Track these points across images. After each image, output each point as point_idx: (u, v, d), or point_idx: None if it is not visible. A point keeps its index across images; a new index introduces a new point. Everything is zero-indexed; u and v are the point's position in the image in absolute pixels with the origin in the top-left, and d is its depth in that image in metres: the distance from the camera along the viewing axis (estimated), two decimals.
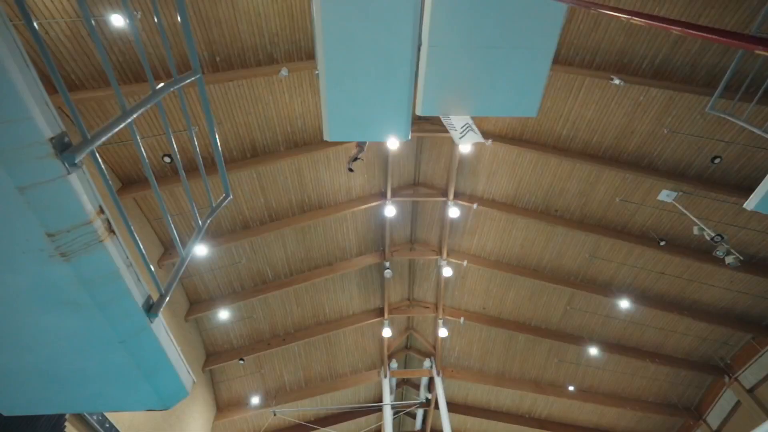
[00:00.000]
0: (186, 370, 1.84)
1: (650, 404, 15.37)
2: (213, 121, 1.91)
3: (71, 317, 1.38)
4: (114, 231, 1.32)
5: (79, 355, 1.56)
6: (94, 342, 1.50)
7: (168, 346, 1.64)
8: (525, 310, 14.15)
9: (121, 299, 1.40)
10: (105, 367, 1.61)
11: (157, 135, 9.08)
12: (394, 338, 15.83)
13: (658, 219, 11.22)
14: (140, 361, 1.60)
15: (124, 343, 1.51)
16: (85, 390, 1.79)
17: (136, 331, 1.50)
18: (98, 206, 1.26)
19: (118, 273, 1.33)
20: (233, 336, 13.33)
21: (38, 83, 1.08)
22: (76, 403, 1.97)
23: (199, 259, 11.28)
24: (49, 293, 1.31)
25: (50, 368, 1.61)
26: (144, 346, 1.55)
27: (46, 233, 1.18)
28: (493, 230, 12.81)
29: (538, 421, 17.09)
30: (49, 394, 1.79)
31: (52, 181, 1.11)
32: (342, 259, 13.17)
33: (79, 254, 1.23)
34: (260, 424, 15.10)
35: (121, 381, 1.70)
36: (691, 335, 13.31)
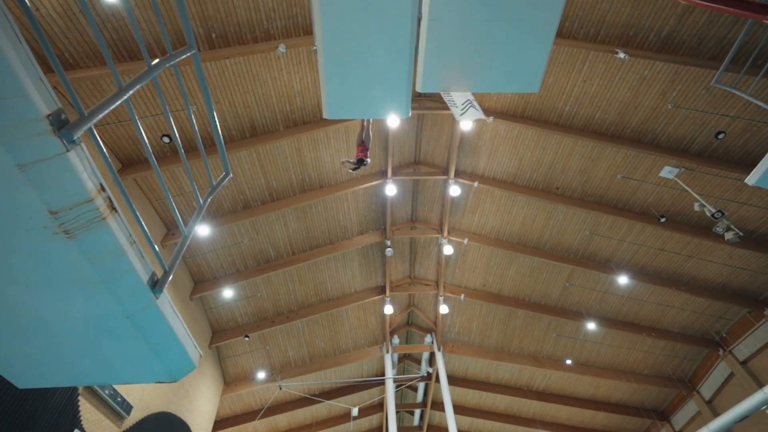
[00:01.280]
0: (192, 344, 1.90)
1: (645, 376, 15.79)
2: (210, 97, 1.89)
3: (78, 293, 1.42)
4: (116, 209, 1.34)
5: (88, 330, 1.60)
6: (101, 318, 1.55)
7: (174, 321, 1.69)
8: (525, 287, 14.33)
9: (126, 276, 1.43)
10: (114, 341, 1.66)
11: (155, 115, 8.98)
12: (396, 315, 16.12)
13: (659, 196, 11.19)
14: (147, 335, 1.66)
15: (131, 319, 1.56)
16: (95, 364, 1.86)
17: (142, 307, 1.54)
18: (99, 184, 1.27)
19: (121, 250, 1.36)
20: (238, 314, 13.60)
21: (32, 59, 1.07)
22: (87, 376, 2.04)
23: (202, 239, 11.37)
24: (56, 270, 1.34)
25: (60, 343, 1.67)
26: (150, 321, 1.60)
27: (48, 211, 1.20)
28: (493, 208, 12.82)
29: (536, 393, 17.62)
30: (61, 368, 1.86)
31: (52, 158, 1.12)
32: (343, 238, 13.26)
33: (82, 232, 1.25)
34: (266, 398, 15.61)
35: (130, 355, 1.76)
36: (687, 310, 13.52)
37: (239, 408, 16.14)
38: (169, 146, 9.60)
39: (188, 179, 9.49)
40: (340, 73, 4.00)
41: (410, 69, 4.04)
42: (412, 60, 3.95)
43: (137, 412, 9.19)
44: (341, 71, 3.99)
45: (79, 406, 7.34)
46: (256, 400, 16.02)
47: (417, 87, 4.41)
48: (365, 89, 4.28)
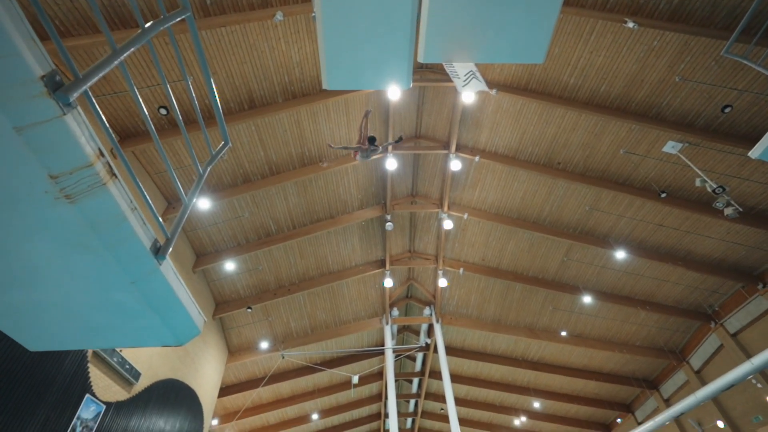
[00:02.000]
0: (197, 310, 1.95)
1: (638, 348, 16.24)
2: (205, 60, 1.85)
3: (83, 259, 1.45)
4: (116, 174, 1.35)
5: (94, 294, 1.65)
6: (107, 282, 1.59)
7: (178, 287, 1.74)
8: (523, 261, 14.50)
9: (129, 241, 1.46)
10: (120, 306, 1.71)
11: (151, 86, 8.80)
12: (395, 288, 16.41)
13: (660, 171, 11.13)
14: (152, 300, 1.70)
15: (136, 284, 1.60)
16: (103, 327, 1.92)
17: (146, 273, 1.58)
18: (97, 149, 1.27)
19: (123, 216, 1.38)
20: (240, 286, 13.83)
21: (23, 19, 1.05)
22: (95, 339, 2.11)
23: (203, 212, 11.41)
24: (59, 235, 1.36)
25: (68, 307, 1.72)
26: (155, 286, 1.64)
27: (48, 175, 1.20)
28: (494, 183, 12.78)
29: (531, 363, 18.18)
30: (70, 331, 1.93)
31: (49, 121, 1.11)
32: (344, 213, 13.29)
33: (83, 197, 1.26)
34: (270, 367, 16.13)
35: (137, 319, 1.82)
36: (682, 284, 13.73)
37: (244, 376, 16.71)
38: (166, 119, 9.46)
39: (186, 151, 9.41)
40: (340, 42, 3.89)
41: (412, 38, 3.92)
42: (413, 29, 3.83)
43: (145, 378, 9.54)
44: (341, 39, 3.87)
45: (89, 373, 7.60)
46: (259, 369, 16.56)
47: (419, 57, 4.30)
48: (366, 59, 4.18)
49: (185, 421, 11.73)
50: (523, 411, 21.27)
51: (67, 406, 7.06)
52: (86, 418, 7.48)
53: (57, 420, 6.82)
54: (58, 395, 6.88)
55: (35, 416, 6.40)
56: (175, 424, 11.17)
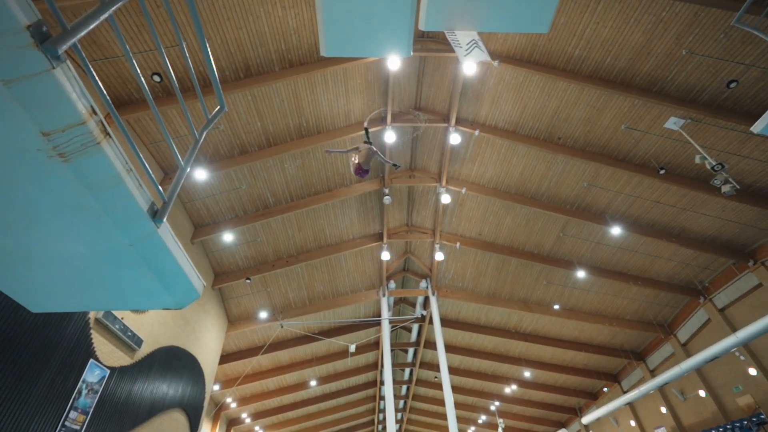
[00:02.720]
0: (196, 274, 1.98)
1: (627, 321, 16.69)
2: (200, 25, 1.79)
3: (80, 220, 1.46)
4: (110, 134, 1.33)
5: (94, 256, 1.67)
6: (106, 244, 1.60)
7: (176, 251, 1.75)
8: (519, 236, 14.64)
9: (126, 203, 1.46)
10: (120, 268, 1.74)
11: (143, 51, 8.52)
12: (393, 261, 16.61)
13: (661, 147, 11.06)
14: (151, 264, 1.72)
15: (134, 246, 1.62)
16: (104, 290, 1.95)
17: (144, 236, 1.59)
18: (90, 106, 1.25)
19: (119, 177, 1.37)
20: (239, 258, 13.96)
21: None
22: (96, 302, 2.16)
23: (200, 183, 11.35)
24: (55, 195, 1.36)
25: (68, 269, 1.74)
26: (153, 250, 1.65)
27: (41, 132, 1.19)
28: (493, 157, 12.70)
29: (523, 335, 18.72)
30: (71, 293, 1.96)
31: (38, 75, 1.09)
32: (342, 185, 13.25)
33: (77, 155, 1.25)
34: (269, 336, 16.55)
35: (137, 282, 1.84)
36: (675, 260, 13.95)
37: (243, 344, 17.17)
38: (160, 86, 9.23)
39: (181, 120, 9.23)
40: (339, 6, 3.76)
41: (413, 4, 3.79)
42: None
43: (147, 345, 9.79)
44: (339, 4, 3.74)
45: (92, 339, 7.79)
46: (259, 338, 16.99)
47: (420, 25, 4.16)
48: (365, 24, 4.04)
49: (187, 386, 12.14)
50: (514, 380, 22.10)
51: (72, 370, 7.27)
52: (91, 382, 7.73)
53: (63, 383, 7.04)
54: (63, 360, 7.08)
55: (41, 379, 6.60)
56: (178, 389, 11.56)
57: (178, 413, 11.59)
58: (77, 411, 7.34)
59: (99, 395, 7.96)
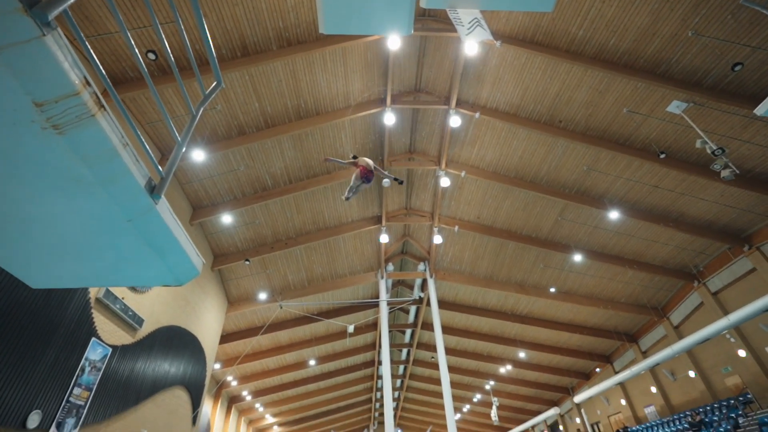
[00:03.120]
0: (195, 252, 1.99)
1: (622, 304, 16.94)
2: None
3: (78, 195, 1.45)
4: (104, 106, 1.31)
5: (93, 232, 1.67)
6: (104, 220, 1.60)
7: (175, 228, 1.75)
8: (517, 220, 14.68)
9: (123, 178, 1.45)
10: (119, 244, 1.74)
11: (137, 28, 8.31)
12: (391, 244, 16.69)
13: (662, 131, 10.98)
14: (150, 239, 1.73)
15: (133, 222, 1.61)
16: (103, 265, 1.96)
17: (143, 211, 1.59)
18: (83, 77, 1.22)
19: (115, 151, 1.36)
20: (238, 240, 14.00)
21: None
22: (96, 278, 2.17)
23: (198, 164, 11.27)
24: (51, 168, 1.35)
25: (67, 244, 1.74)
26: (152, 226, 1.65)
27: (33, 103, 1.17)
28: (493, 141, 12.60)
29: (519, 317, 19.01)
30: (70, 270, 1.97)
31: (28, 42, 1.06)
32: (340, 168, 13.17)
33: (71, 127, 1.23)
34: (268, 316, 16.76)
35: (136, 258, 1.85)
36: (671, 245, 14.06)
37: (243, 324, 17.41)
38: (155, 64, 9.05)
39: (177, 99, 9.06)
40: None
41: None
42: None
43: (148, 324, 9.91)
44: None
45: (93, 318, 7.88)
46: (258, 318, 17.22)
47: (421, 2, 4.06)
48: (365, 0, 3.94)
49: (189, 364, 12.37)
50: (509, 360, 22.58)
51: (74, 348, 7.38)
52: (94, 360, 7.86)
53: (66, 360, 7.16)
54: (65, 338, 7.17)
55: (45, 356, 6.71)
56: (180, 367, 11.78)
57: (180, 390, 11.85)
58: (81, 387, 7.50)
59: (102, 372, 8.11)
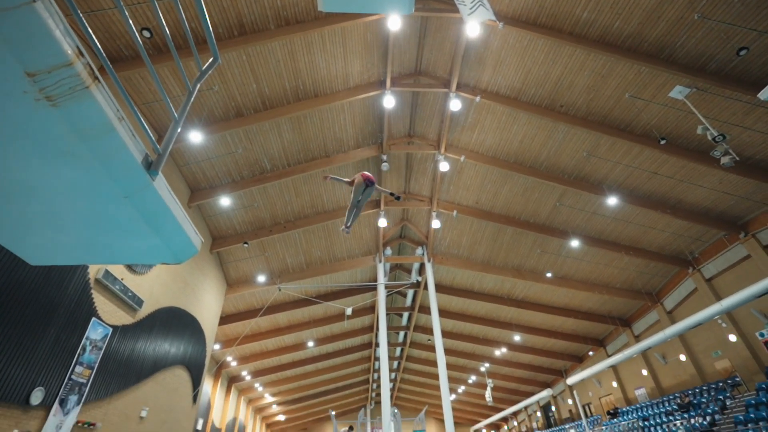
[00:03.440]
0: (193, 230, 1.99)
1: (617, 290, 17.14)
2: None
3: (74, 170, 1.44)
4: (98, 78, 1.29)
5: (89, 208, 1.66)
6: (101, 196, 1.59)
7: (173, 205, 1.75)
8: (516, 205, 14.70)
9: (119, 153, 1.44)
10: (116, 222, 1.74)
11: (131, 5, 8.10)
12: (389, 228, 16.74)
13: (664, 117, 10.89)
14: (148, 217, 1.72)
15: (130, 198, 1.61)
16: (102, 243, 1.97)
17: (140, 188, 1.58)
18: (76, 47, 1.20)
19: (110, 125, 1.34)
20: (236, 222, 14.01)
21: None
22: (94, 255, 2.18)
23: (195, 146, 11.17)
24: (46, 142, 1.34)
25: (64, 221, 1.74)
26: (149, 202, 1.64)
27: (25, 72, 1.15)
28: (494, 125, 12.50)
29: (515, 301, 19.24)
30: (69, 246, 1.97)
31: (17, 8, 1.03)
32: (339, 151, 13.09)
33: (65, 99, 1.21)
34: (267, 298, 16.92)
35: (134, 236, 1.85)
36: (668, 231, 14.13)
37: (242, 306, 17.59)
38: (150, 42, 8.85)
39: (173, 79, 8.89)
40: None
41: None
42: None
43: (148, 305, 10.01)
44: None
45: (93, 298, 7.94)
46: (257, 300, 17.39)
47: None
48: None
49: (189, 344, 12.54)
50: (504, 343, 22.97)
51: (75, 327, 7.46)
52: (95, 339, 7.96)
53: (67, 339, 7.25)
54: (66, 318, 7.25)
55: (46, 335, 6.79)
56: (180, 347, 11.95)
57: (180, 370, 12.05)
58: (83, 366, 7.61)
59: (103, 351, 8.22)
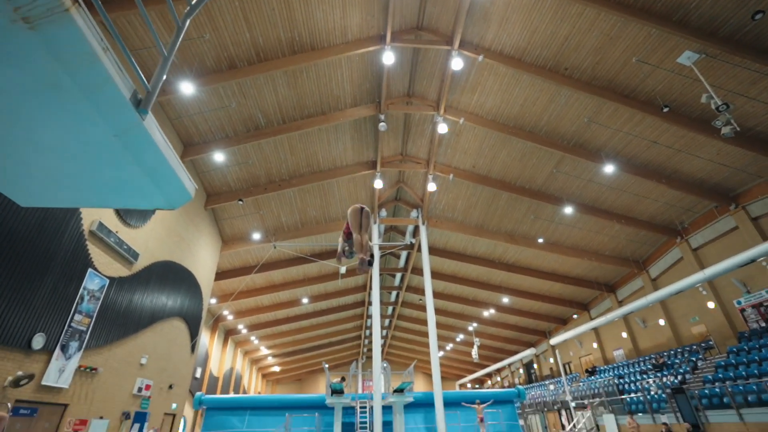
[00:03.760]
0: (186, 175, 1.96)
1: (605, 257, 17.57)
2: None
3: (60, 103, 1.39)
4: (79, 2, 1.21)
5: (79, 147, 1.62)
6: (89, 134, 1.54)
7: (165, 147, 1.71)
8: (513, 171, 14.65)
9: (105, 86, 1.38)
10: (106, 162, 1.70)
11: None
12: (385, 190, 16.71)
13: (669, 84, 10.65)
14: (139, 158, 1.69)
15: (120, 138, 1.57)
16: (93, 185, 1.94)
17: (129, 126, 1.53)
18: None
19: (94, 55, 1.28)
20: (230, 179, 13.88)
21: None
22: (86, 198, 2.15)
23: (187, 98, 10.81)
24: (27, 71, 1.27)
25: (53, 160, 1.70)
26: (139, 142, 1.60)
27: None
28: (495, 87, 12.16)
29: (506, 265, 19.71)
30: (60, 188, 1.95)
31: None
32: (336, 109, 12.76)
33: (43, 22, 1.14)
34: (262, 256, 17.15)
35: (125, 178, 1.82)
36: (660, 201, 14.28)
37: (238, 263, 17.85)
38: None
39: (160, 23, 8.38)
40: None
41: None
42: None
43: (144, 259, 10.11)
44: None
45: (88, 250, 7.99)
46: (252, 257, 17.62)
47: None
48: None
49: (186, 298, 12.83)
50: (493, 305, 23.79)
51: (72, 277, 7.56)
52: (92, 289, 8.10)
53: (65, 289, 7.37)
54: (62, 267, 7.32)
55: (44, 283, 6.89)
56: (177, 300, 12.23)
57: (178, 321, 12.41)
58: (81, 314, 7.80)
59: (101, 302, 8.40)
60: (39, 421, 6.99)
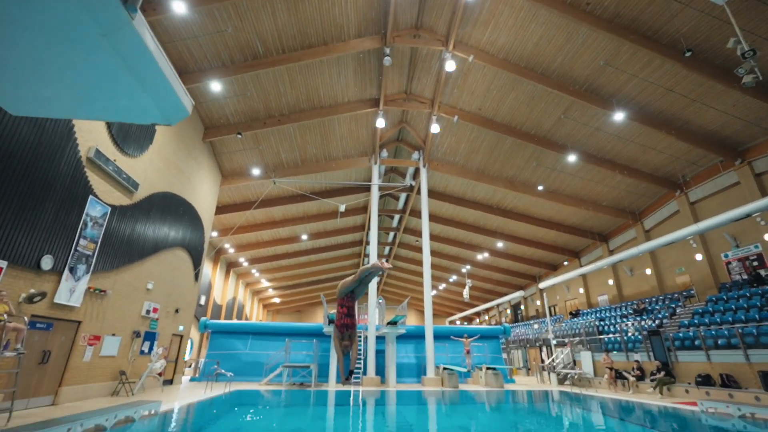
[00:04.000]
0: (182, 88, 1.89)
1: (603, 207, 17.71)
2: None
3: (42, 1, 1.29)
4: None
5: (65, 47, 1.53)
6: (76, 32, 1.45)
7: (157, 54, 1.63)
8: (519, 115, 14.20)
9: None
10: (96, 65, 1.62)
11: None
12: (387, 129, 16.30)
13: (696, 26, 9.93)
14: (129, 61, 1.61)
15: (108, 38, 1.48)
16: (86, 95, 1.88)
17: (118, 26, 1.44)
18: None
19: None
20: (228, 112, 13.45)
21: None
22: (79, 109, 2.09)
23: (180, 21, 10.10)
24: None
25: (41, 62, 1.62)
26: (129, 43, 1.51)
27: None
28: (510, 21, 11.33)
29: (504, 211, 19.91)
30: (51, 97, 1.88)
31: None
32: (339, 40, 11.99)
33: None
34: (261, 192, 17.21)
35: (117, 86, 1.75)
36: (666, 153, 14.05)
37: (238, 198, 17.96)
38: None
39: None
40: None
41: None
42: None
43: (144, 189, 10.14)
44: None
45: (87, 177, 7.98)
46: (252, 193, 17.70)
47: None
48: None
49: (187, 229, 13.09)
50: (487, 249, 24.44)
51: (73, 204, 7.64)
52: (95, 216, 8.22)
53: (67, 215, 7.48)
54: (63, 193, 7.36)
55: (46, 207, 6.97)
56: (179, 231, 12.49)
57: (181, 251, 12.79)
58: (86, 240, 8.01)
59: (104, 228, 8.58)
60: (55, 335, 7.50)
